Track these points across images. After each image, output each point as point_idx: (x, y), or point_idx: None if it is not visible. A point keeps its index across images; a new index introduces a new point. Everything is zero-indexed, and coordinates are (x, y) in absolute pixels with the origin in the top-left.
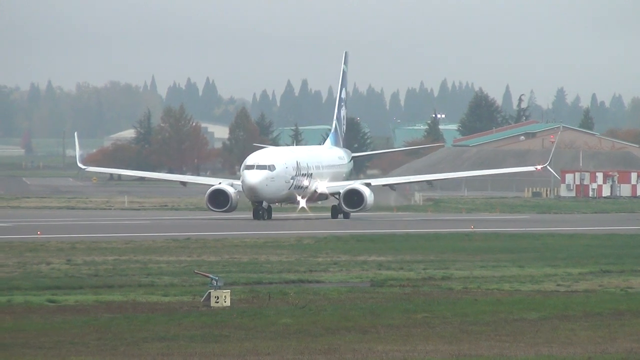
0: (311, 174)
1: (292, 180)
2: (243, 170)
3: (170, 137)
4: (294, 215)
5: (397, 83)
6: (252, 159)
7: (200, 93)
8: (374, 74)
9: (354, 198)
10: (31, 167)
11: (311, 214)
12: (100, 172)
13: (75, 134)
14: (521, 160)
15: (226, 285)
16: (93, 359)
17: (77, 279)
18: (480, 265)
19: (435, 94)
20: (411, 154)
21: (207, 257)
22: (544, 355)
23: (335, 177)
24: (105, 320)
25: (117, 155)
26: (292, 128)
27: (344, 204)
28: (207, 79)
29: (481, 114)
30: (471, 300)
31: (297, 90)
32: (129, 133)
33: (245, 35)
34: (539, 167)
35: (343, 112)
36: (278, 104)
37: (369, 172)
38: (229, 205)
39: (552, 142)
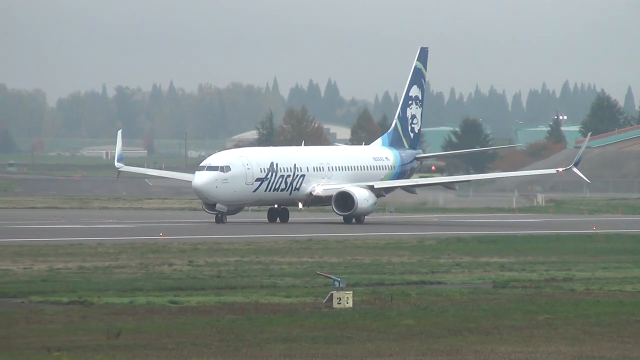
0: (303, 175)
1: (258, 182)
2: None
3: (293, 138)
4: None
5: (519, 84)
6: (207, 159)
7: (322, 94)
8: (496, 75)
9: (347, 201)
10: (153, 168)
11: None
12: (134, 173)
13: (119, 132)
14: None
15: (348, 287)
16: None
17: (199, 280)
18: (603, 267)
19: (557, 95)
20: (533, 154)
21: (328, 258)
22: None
23: (360, 179)
24: (227, 321)
25: None
26: None
27: (335, 207)
28: (329, 80)
29: (603, 115)
30: (593, 302)
31: None
32: (251, 134)
33: (366, 37)
34: (560, 169)
35: (412, 111)
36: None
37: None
38: None
39: None
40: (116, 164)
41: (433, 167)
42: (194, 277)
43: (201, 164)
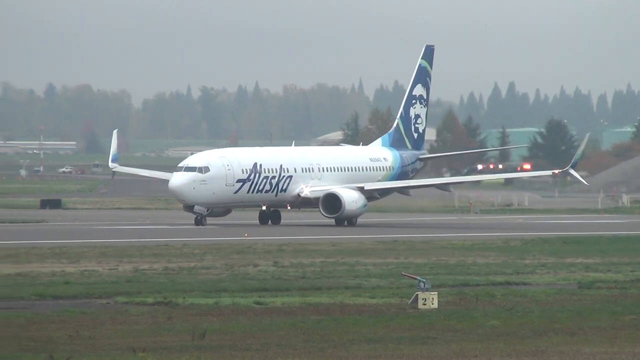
0: (290, 176)
1: (240, 184)
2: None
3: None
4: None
5: (604, 85)
6: (185, 160)
7: None
8: (581, 76)
9: (335, 203)
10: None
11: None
12: (127, 173)
13: (115, 132)
14: None
15: (433, 287)
16: None
17: (284, 281)
18: None
19: None
20: (618, 155)
21: (414, 259)
22: None
23: (354, 180)
24: (312, 322)
25: None
26: (499, 130)
27: (323, 209)
28: None
29: None
30: None
31: (504, 93)
32: (336, 135)
33: (452, 38)
34: (556, 171)
35: (416, 111)
36: (485, 106)
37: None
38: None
39: None
40: (110, 164)
41: (518, 168)
42: (279, 278)
43: (179, 165)
